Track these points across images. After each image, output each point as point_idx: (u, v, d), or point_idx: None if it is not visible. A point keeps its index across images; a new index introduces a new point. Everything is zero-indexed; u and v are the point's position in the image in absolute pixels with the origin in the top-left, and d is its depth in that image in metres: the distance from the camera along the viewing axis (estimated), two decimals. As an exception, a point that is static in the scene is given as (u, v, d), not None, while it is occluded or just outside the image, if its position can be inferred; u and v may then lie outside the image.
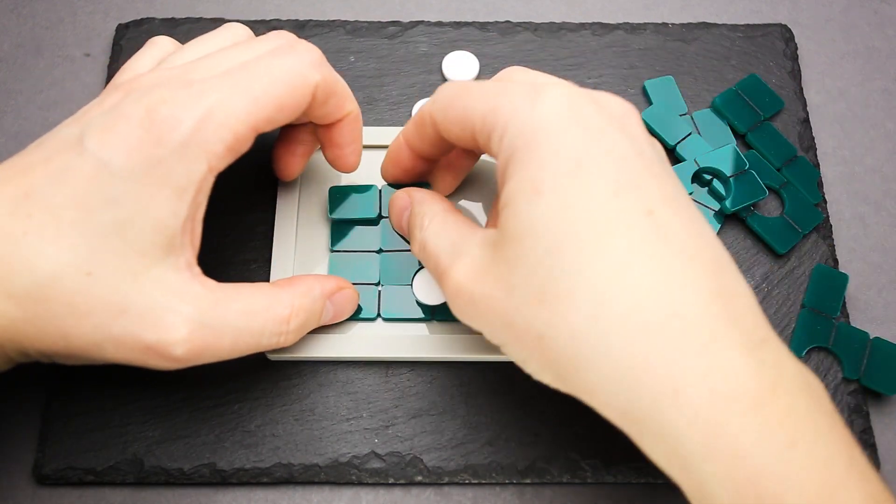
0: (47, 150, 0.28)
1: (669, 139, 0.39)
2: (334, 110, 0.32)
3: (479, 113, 0.28)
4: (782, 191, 0.38)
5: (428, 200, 0.32)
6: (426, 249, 0.30)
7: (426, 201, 0.32)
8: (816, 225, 0.38)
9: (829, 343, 0.36)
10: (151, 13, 0.43)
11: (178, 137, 0.27)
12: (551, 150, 0.26)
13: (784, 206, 0.38)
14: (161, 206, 0.27)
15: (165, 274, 0.28)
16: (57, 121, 0.40)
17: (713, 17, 0.44)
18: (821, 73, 0.43)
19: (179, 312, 0.28)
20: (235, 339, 0.29)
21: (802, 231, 0.38)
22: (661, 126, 0.39)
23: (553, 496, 0.33)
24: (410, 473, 0.33)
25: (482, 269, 0.27)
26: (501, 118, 0.27)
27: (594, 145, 0.26)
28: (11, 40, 0.43)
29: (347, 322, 0.35)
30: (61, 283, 0.27)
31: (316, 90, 0.30)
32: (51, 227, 0.27)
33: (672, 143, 0.39)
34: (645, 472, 0.33)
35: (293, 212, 0.37)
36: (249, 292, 0.30)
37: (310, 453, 0.33)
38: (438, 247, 0.29)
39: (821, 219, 0.38)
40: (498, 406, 0.34)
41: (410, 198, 0.33)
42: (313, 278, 0.33)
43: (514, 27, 0.42)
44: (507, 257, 0.26)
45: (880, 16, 0.44)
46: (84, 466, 0.33)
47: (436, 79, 0.41)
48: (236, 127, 0.28)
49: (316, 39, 0.42)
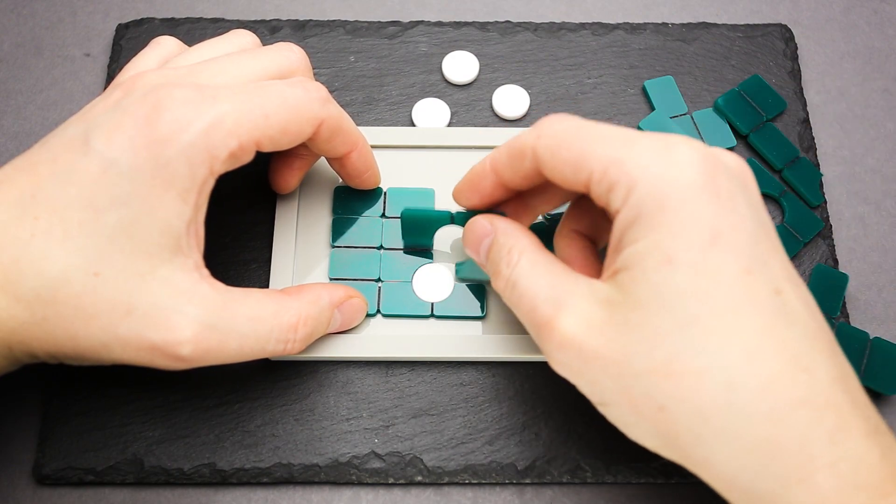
0: (53, 149, 0.28)
1: None
2: (341, 146, 0.33)
3: (601, 162, 0.27)
4: (782, 199, 0.38)
5: (514, 233, 0.30)
6: (517, 289, 0.29)
7: (512, 233, 0.30)
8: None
9: None
10: (151, 13, 0.43)
11: (186, 138, 0.27)
12: (685, 219, 0.25)
13: (784, 215, 0.38)
14: (167, 207, 0.27)
15: (173, 275, 0.28)
16: (57, 121, 0.40)
17: (713, 17, 0.44)
18: (821, 73, 0.43)
19: (186, 313, 0.28)
20: (241, 344, 0.29)
21: (803, 240, 0.38)
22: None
23: (553, 496, 0.33)
24: (410, 473, 0.33)
25: (595, 326, 0.26)
26: (628, 173, 0.26)
27: (727, 217, 0.25)
28: (11, 40, 0.43)
29: (347, 322, 0.35)
30: (69, 284, 0.27)
31: (321, 126, 0.31)
32: (58, 229, 0.27)
33: None
34: (645, 473, 0.33)
35: (293, 211, 0.37)
36: (258, 298, 0.30)
37: (310, 453, 0.33)
38: (533, 290, 0.28)
39: (821, 226, 0.38)
40: (498, 406, 0.34)
41: (493, 227, 0.31)
42: (322, 287, 0.33)
43: (514, 27, 0.42)
44: (629, 321, 0.26)
45: (880, 16, 0.44)
46: (84, 466, 0.33)
47: (436, 79, 0.41)
48: (243, 137, 0.28)
49: (316, 39, 0.42)
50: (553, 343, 0.27)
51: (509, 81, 0.41)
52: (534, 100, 0.41)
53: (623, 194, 0.26)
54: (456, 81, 0.41)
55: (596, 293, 0.27)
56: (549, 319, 0.27)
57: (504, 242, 0.30)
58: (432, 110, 0.40)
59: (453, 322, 0.35)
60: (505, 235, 0.30)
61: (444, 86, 0.41)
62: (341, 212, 0.37)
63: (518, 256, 0.29)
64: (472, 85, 0.41)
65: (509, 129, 0.39)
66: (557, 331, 0.27)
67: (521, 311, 0.29)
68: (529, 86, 0.41)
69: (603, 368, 0.26)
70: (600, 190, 0.27)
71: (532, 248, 0.29)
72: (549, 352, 0.28)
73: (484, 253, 0.31)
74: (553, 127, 0.28)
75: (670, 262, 0.25)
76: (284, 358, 0.34)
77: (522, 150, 0.29)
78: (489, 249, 0.31)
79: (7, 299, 0.27)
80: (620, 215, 0.26)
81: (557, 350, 0.27)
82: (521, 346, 0.34)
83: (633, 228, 0.26)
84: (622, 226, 0.26)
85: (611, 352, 0.26)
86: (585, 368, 0.27)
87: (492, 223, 0.31)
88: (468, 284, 0.36)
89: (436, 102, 0.40)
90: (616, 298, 0.26)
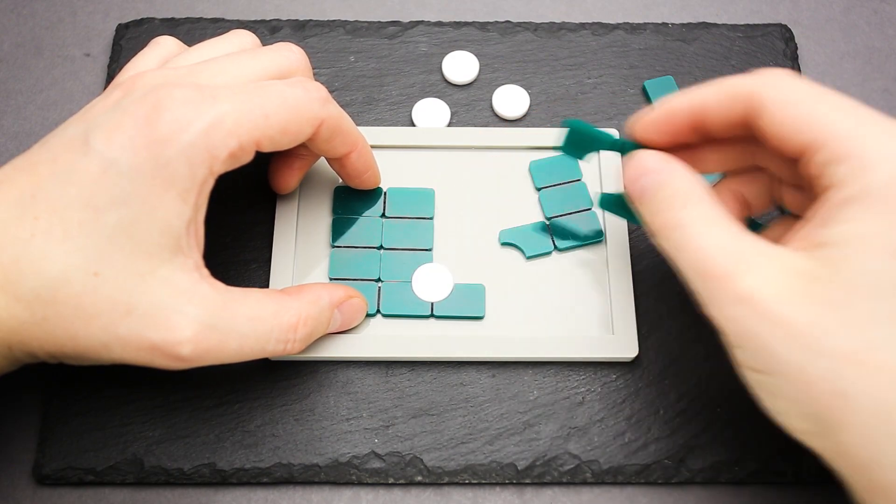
0: (53, 149, 0.28)
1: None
2: (340, 146, 0.33)
3: (832, 131, 0.26)
4: None
5: (692, 178, 0.29)
6: (685, 233, 0.27)
7: (689, 179, 0.29)
8: None
9: None
10: (151, 13, 0.43)
11: (186, 138, 0.27)
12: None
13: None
14: (167, 207, 0.27)
15: (173, 274, 0.28)
16: (57, 121, 0.40)
17: (713, 17, 0.44)
18: (821, 73, 0.43)
19: (186, 313, 0.28)
20: (241, 343, 0.29)
21: None
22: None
23: (553, 496, 0.33)
24: (410, 473, 0.33)
25: (786, 293, 0.26)
26: (865, 151, 0.25)
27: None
28: (11, 40, 0.43)
29: (347, 322, 0.35)
30: (69, 284, 0.27)
31: (321, 126, 0.31)
32: (58, 229, 0.27)
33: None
34: (644, 473, 0.33)
35: (293, 211, 0.37)
36: (258, 297, 0.30)
37: (310, 453, 0.33)
38: (709, 240, 0.27)
39: None
40: (498, 406, 0.34)
41: (669, 167, 0.29)
42: (321, 287, 0.33)
43: (514, 27, 0.42)
44: (831, 299, 0.25)
45: (880, 16, 0.44)
46: (84, 466, 0.33)
47: (436, 79, 0.41)
48: (243, 137, 0.28)
49: (316, 39, 0.42)
50: (728, 295, 0.26)
51: (509, 81, 0.41)
52: (534, 100, 0.41)
53: (850, 171, 0.25)
54: (456, 81, 0.41)
55: (787, 261, 0.26)
56: (729, 273, 0.26)
57: (678, 186, 0.29)
58: (432, 110, 0.40)
59: (453, 322, 0.35)
60: (681, 179, 0.29)
61: (444, 86, 0.41)
62: (341, 212, 0.37)
63: (696, 201, 0.28)
64: (472, 85, 0.41)
65: (509, 128, 0.39)
66: (739, 285, 0.26)
67: (687, 257, 0.27)
68: (529, 86, 0.41)
69: (785, 337, 0.25)
70: (819, 158, 0.26)
71: (709, 199, 0.28)
72: (720, 303, 0.26)
73: (646, 188, 0.29)
74: (783, 80, 0.27)
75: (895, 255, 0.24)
76: (284, 358, 0.34)
77: (740, 93, 0.28)
78: (655, 187, 0.29)
79: (7, 299, 0.27)
80: (838, 190, 0.26)
81: (733, 303, 0.26)
82: (521, 346, 0.34)
83: (852, 207, 0.25)
84: (837, 201, 0.26)
85: (800, 323, 0.25)
86: (762, 330, 0.26)
87: (666, 162, 0.29)
88: (468, 285, 0.36)
89: (436, 102, 0.40)
90: (817, 273, 0.25)
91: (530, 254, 0.36)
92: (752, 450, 0.34)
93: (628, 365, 0.35)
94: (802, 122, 0.27)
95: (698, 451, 0.33)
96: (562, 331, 0.35)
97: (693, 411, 0.34)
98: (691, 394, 0.35)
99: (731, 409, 0.34)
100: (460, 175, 0.38)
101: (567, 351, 0.34)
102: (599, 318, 0.35)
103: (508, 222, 0.37)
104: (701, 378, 0.35)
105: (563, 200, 0.37)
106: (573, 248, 0.37)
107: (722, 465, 0.33)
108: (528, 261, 0.36)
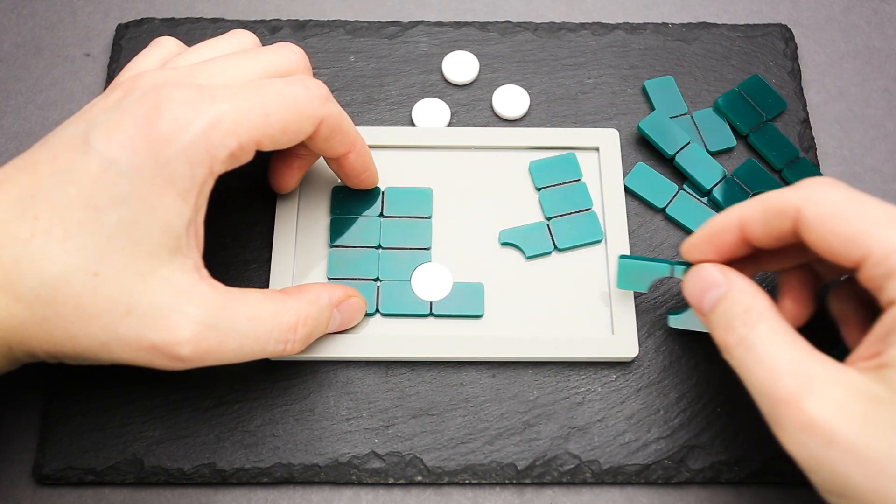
0: (53, 148, 0.28)
1: (668, 149, 0.39)
2: (339, 146, 0.33)
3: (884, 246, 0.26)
4: None
5: (752, 291, 0.29)
6: (752, 353, 0.27)
7: (750, 292, 0.29)
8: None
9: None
10: (151, 13, 0.43)
11: (186, 138, 0.27)
12: None
13: None
14: (167, 206, 0.27)
15: (173, 275, 0.28)
16: (57, 121, 0.40)
17: (713, 17, 0.44)
18: (821, 73, 0.43)
19: (185, 313, 0.28)
20: (241, 344, 0.29)
21: None
22: (658, 135, 0.39)
23: (553, 496, 0.33)
24: (410, 473, 0.33)
25: (852, 418, 0.25)
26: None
27: None
28: (11, 40, 0.43)
29: (347, 322, 0.35)
30: (69, 284, 0.27)
31: (320, 124, 0.31)
32: (58, 229, 0.27)
33: (671, 153, 0.38)
34: (644, 473, 0.33)
35: (293, 211, 0.37)
36: (257, 298, 0.30)
37: (310, 453, 0.33)
38: (774, 360, 0.27)
39: None
40: (498, 406, 0.34)
41: (728, 281, 0.29)
42: (321, 286, 0.33)
43: (514, 27, 0.42)
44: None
45: (880, 16, 0.44)
46: (84, 466, 0.33)
47: (436, 79, 0.41)
48: (242, 136, 0.28)
49: (316, 39, 0.42)
50: (795, 422, 0.26)
51: (509, 81, 0.41)
52: (534, 100, 0.41)
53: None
54: (456, 81, 0.41)
55: (852, 383, 0.26)
56: (794, 397, 0.26)
57: (740, 300, 0.29)
58: (432, 110, 0.40)
59: (452, 321, 0.35)
60: (742, 293, 0.29)
61: (444, 86, 0.41)
62: (339, 212, 0.37)
63: (757, 319, 0.28)
64: (472, 85, 0.41)
65: (509, 128, 0.39)
66: (804, 411, 0.25)
67: (754, 378, 0.27)
68: (529, 86, 0.41)
69: (856, 464, 0.25)
70: (875, 273, 0.26)
71: (772, 314, 0.28)
72: (787, 429, 0.26)
73: (709, 304, 0.30)
74: (825, 194, 0.28)
75: None
76: (284, 358, 0.34)
77: (784, 210, 0.28)
78: (717, 302, 0.29)
79: (7, 299, 0.27)
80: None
81: (800, 431, 0.26)
82: (521, 346, 0.34)
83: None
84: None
85: (870, 450, 0.25)
86: (831, 458, 0.25)
87: (725, 276, 0.30)
88: (467, 284, 0.36)
89: (436, 102, 0.40)
90: (883, 395, 0.25)
91: (530, 254, 0.36)
92: (752, 450, 0.34)
93: (628, 365, 0.35)
94: (848, 239, 0.27)
95: (698, 451, 0.33)
96: (562, 331, 0.35)
97: (693, 411, 0.34)
98: (691, 394, 0.35)
99: (731, 409, 0.34)
100: (460, 175, 0.38)
101: (567, 351, 0.34)
102: (599, 318, 0.35)
103: (508, 222, 0.37)
104: (701, 378, 0.35)
105: (563, 200, 0.37)
106: (573, 248, 0.37)
107: (722, 465, 0.33)
108: (527, 261, 0.36)
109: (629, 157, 0.39)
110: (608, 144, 0.38)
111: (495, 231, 0.37)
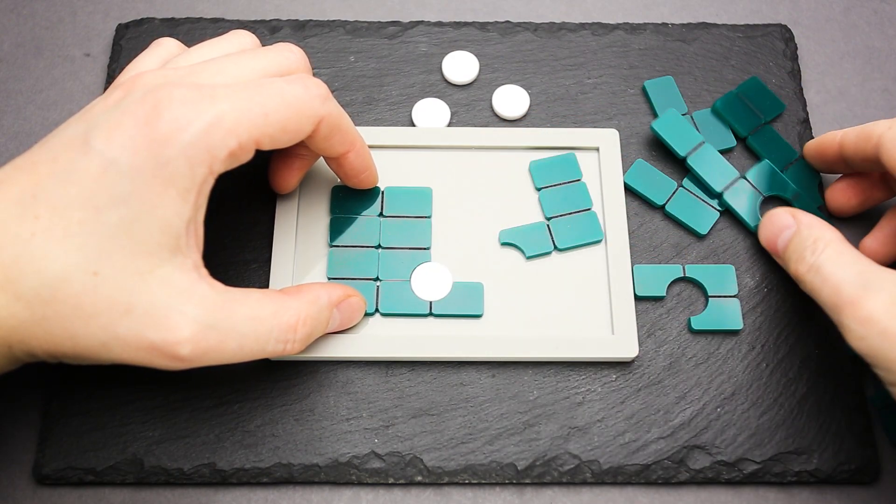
0: (53, 148, 0.28)
1: (680, 150, 0.38)
2: (339, 145, 0.33)
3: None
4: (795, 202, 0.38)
5: (818, 225, 0.33)
6: (821, 273, 0.31)
7: (817, 226, 0.33)
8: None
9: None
10: (151, 13, 0.43)
11: (186, 138, 0.27)
12: None
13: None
14: (167, 206, 0.27)
15: (172, 274, 0.28)
16: (57, 121, 0.40)
17: (713, 17, 0.44)
18: (821, 73, 0.43)
19: (185, 312, 0.28)
20: (240, 343, 0.29)
21: None
22: (671, 136, 0.38)
23: (553, 496, 0.33)
24: (410, 473, 0.33)
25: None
26: None
27: None
28: (11, 40, 0.43)
29: (347, 322, 0.35)
30: (69, 284, 0.27)
31: (320, 123, 0.31)
32: (58, 228, 0.27)
33: (683, 154, 0.38)
34: (644, 473, 0.33)
35: (293, 211, 0.37)
36: (257, 298, 0.30)
37: (310, 453, 0.33)
38: (839, 274, 0.31)
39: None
40: (498, 406, 0.34)
41: (796, 220, 0.34)
42: (320, 286, 0.33)
43: (514, 27, 0.42)
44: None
45: (880, 16, 0.44)
46: (84, 466, 0.33)
47: (436, 79, 0.41)
48: (242, 136, 0.28)
49: (316, 39, 0.42)
50: (856, 319, 0.30)
51: (509, 81, 0.41)
52: (534, 100, 0.41)
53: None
54: (456, 81, 0.41)
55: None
56: (855, 298, 0.30)
57: (809, 234, 0.33)
58: (432, 110, 0.40)
59: (452, 321, 0.35)
60: (809, 228, 0.33)
61: (444, 86, 0.41)
62: (339, 211, 0.37)
63: (824, 246, 0.32)
64: (472, 85, 0.41)
65: (509, 128, 0.39)
66: (863, 309, 0.29)
67: (823, 292, 0.31)
68: (529, 86, 0.41)
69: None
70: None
71: (838, 240, 0.32)
72: (849, 327, 0.30)
73: (783, 244, 0.34)
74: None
75: None
76: (284, 358, 0.34)
77: (870, 133, 0.34)
78: (790, 239, 0.34)
79: (7, 298, 0.27)
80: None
81: (860, 325, 0.29)
82: (521, 346, 0.34)
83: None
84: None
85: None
86: (886, 347, 0.29)
87: (794, 216, 0.34)
88: (467, 283, 0.36)
89: (436, 102, 0.40)
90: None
91: (530, 254, 0.36)
92: (752, 450, 0.34)
93: (628, 365, 0.35)
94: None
95: (698, 451, 0.33)
96: (562, 331, 0.35)
97: (693, 411, 0.34)
98: (691, 394, 0.35)
99: (732, 409, 0.34)
100: (460, 175, 0.38)
101: (567, 351, 0.34)
102: (599, 318, 0.35)
103: (508, 222, 0.37)
104: (701, 378, 0.35)
105: (563, 200, 0.37)
106: (573, 248, 0.37)
107: (722, 465, 0.33)
108: (527, 260, 0.37)
109: (629, 157, 0.39)
110: (608, 144, 0.38)
111: (495, 231, 0.37)
